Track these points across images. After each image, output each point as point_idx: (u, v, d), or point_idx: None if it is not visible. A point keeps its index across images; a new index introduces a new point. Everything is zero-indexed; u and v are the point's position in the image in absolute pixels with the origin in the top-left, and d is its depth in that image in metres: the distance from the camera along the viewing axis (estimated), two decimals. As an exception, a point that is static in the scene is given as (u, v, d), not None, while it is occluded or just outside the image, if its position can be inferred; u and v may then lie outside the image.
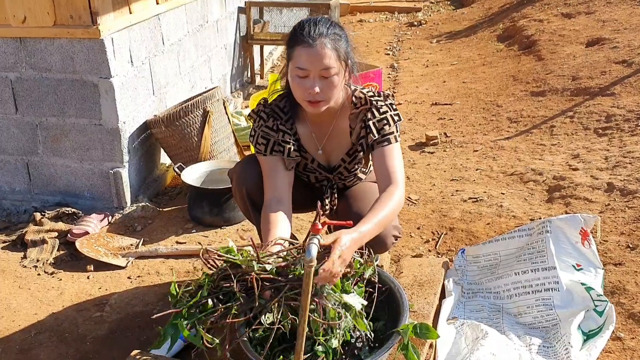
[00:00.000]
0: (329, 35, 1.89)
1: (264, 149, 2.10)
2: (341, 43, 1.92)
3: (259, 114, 2.13)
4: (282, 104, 2.12)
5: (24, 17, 3.01)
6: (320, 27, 1.90)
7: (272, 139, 2.09)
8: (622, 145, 3.61)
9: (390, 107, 2.08)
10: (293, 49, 1.91)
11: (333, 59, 1.89)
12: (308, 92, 1.91)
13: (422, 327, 1.79)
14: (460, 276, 2.47)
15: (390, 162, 2.03)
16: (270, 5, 5.58)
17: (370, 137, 2.05)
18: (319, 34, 1.88)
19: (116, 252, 2.94)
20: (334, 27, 1.93)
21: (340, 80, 1.95)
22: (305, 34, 1.88)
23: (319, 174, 2.24)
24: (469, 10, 8.55)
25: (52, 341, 2.36)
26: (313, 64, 1.88)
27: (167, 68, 3.73)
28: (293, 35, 1.93)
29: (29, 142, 3.31)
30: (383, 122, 2.05)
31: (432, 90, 5.41)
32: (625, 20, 5.74)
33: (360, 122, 2.08)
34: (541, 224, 2.38)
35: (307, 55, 1.87)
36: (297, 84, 1.93)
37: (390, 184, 1.98)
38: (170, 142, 3.47)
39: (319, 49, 1.87)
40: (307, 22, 1.92)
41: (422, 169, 3.78)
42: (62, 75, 3.12)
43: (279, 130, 2.10)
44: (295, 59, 1.91)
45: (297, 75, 1.91)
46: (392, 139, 2.05)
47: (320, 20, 1.93)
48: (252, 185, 2.17)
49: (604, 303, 2.13)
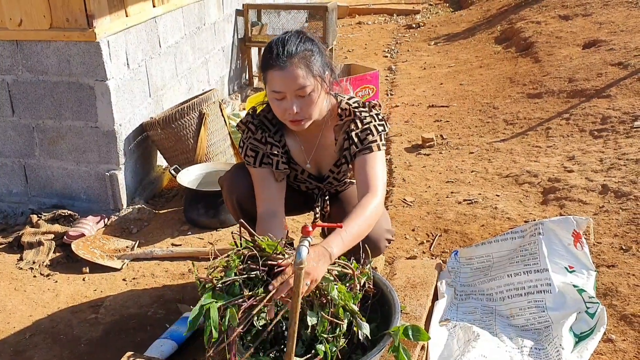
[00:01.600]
0: (298, 53, 1.85)
1: (253, 160, 2.09)
2: (313, 58, 1.88)
3: (247, 125, 2.12)
4: (271, 116, 2.10)
5: (20, 20, 3.03)
6: (288, 46, 1.85)
7: (261, 152, 2.09)
8: (617, 147, 3.62)
9: (375, 118, 2.05)
10: (266, 73, 1.89)
11: (306, 77, 1.85)
12: (287, 113, 1.89)
13: (413, 329, 1.79)
14: (453, 278, 2.48)
15: (370, 169, 1.98)
16: (268, 8, 5.60)
17: (352, 148, 2.03)
18: (288, 54, 1.84)
19: (112, 254, 2.95)
20: (303, 42, 1.88)
21: (319, 96, 1.91)
22: (275, 56, 1.85)
23: (310, 184, 2.25)
24: (467, 12, 8.56)
25: (47, 343, 2.38)
26: (287, 85, 1.85)
27: (164, 70, 3.75)
28: (264, 58, 1.90)
29: (25, 145, 3.32)
30: (366, 132, 2.02)
31: (429, 93, 5.42)
32: (621, 23, 5.75)
33: (344, 134, 2.06)
34: (534, 226, 2.39)
35: (280, 78, 1.85)
36: (276, 106, 1.92)
37: (367, 192, 1.92)
38: (166, 145, 3.48)
39: (291, 71, 1.83)
40: (276, 43, 1.88)
41: (417, 170, 3.79)
42: (59, 78, 3.14)
43: (267, 142, 2.09)
44: (269, 82, 1.89)
45: (275, 98, 1.90)
46: (375, 147, 2.01)
47: (289, 39, 1.88)
48: (242, 193, 2.18)
49: (595, 305, 2.14)
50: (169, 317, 2.44)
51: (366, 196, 1.91)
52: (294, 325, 1.59)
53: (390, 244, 2.22)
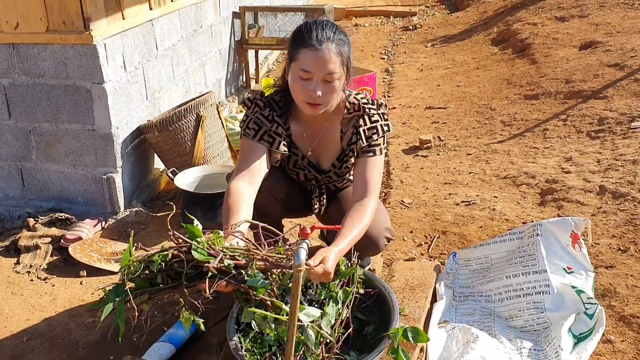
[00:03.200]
0: (335, 40, 1.89)
1: (253, 134, 2.07)
2: (345, 48, 1.92)
3: (255, 101, 2.12)
4: (278, 98, 2.12)
5: (16, 23, 3.02)
6: (327, 31, 1.89)
7: (265, 128, 2.08)
8: (614, 148, 3.62)
9: (382, 117, 2.09)
10: (298, 50, 1.90)
11: (337, 64, 1.89)
12: (309, 95, 1.90)
13: (412, 330, 1.79)
14: (451, 280, 2.47)
15: (370, 173, 2.04)
16: (265, 10, 5.60)
17: (359, 143, 2.06)
18: (326, 38, 1.88)
19: (109, 257, 2.94)
20: (339, 32, 1.93)
21: (341, 85, 1.95)
22: (313, 37, 1.87)
23: (308, 172, 2.25)
24: (463, 14, 8.58)
25: (44, 347, 2.36)
26: (318, 67, 1.88)
27: (161, 73, 3.74)
28: (299, 35, 1.92)
29: (22, 148, 3.31)
30: (373, 131, 2.06)
31: (426, 94, 5.42)
32: (618, 24, 5.77)
33: (352, 128, 2.09)
34: (532, 227, 2.39)
35: (313, 59, 1.87)
36: (298, 86, 1.92)
37: (366, 196, 1.99)
38: (163, 147, 3.48)
39: (325, 53, 1.87)
40: (314, 24, 1.91)
41: (415, 172, 3.79)
42: (55, 81, 3.13)
43: (274, 121, 2.08)
44: (299, 60, 1.89)
45: (300, 77, 1.90)
46: (378, 151, 2.07)
47: (327, 24, 1.92)
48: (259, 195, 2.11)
49: (594, 306, 2.14)
50: (167, 321, 2.43)
51: (365, 199, 1.98)
52: (293, 327, 1.58)
53: (389, 243, 2.22)
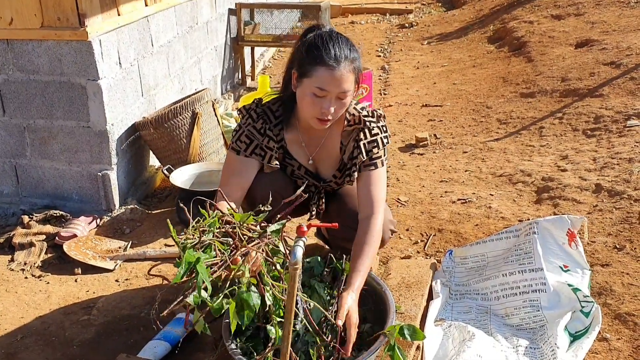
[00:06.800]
0: (350, 58, 1.88)
1: (244, 147, 2.07)
2: (357, 64, 1.92)
3: (249, 111, 2.11)
4: (275, 108, 2.10)
5: (10, 18, 3.00)
6: (343, 48, 1.88)
7: (256, 141, 2.07)
8: (610, 147, 3.63)
9: (382, 129, 2.08)
10: (314, 67, 1.87)
11: (352, 82, 1.90)
12: (322, 112, 1.90)
13: (409, 328, 1.79)
14: (448, 277, 2.47)
15: (374, 188, 2.04)
16: (261, 7, 5.59)
17: (360, 157, 2.05)
18: (343, 56, 1.87)
19: (104, 255, 2.93)
20: (353, 49, 1.92)
21: (350, 99, 1.96)
22: (331, 55, 1.86)
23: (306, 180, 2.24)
24: (459, 12, 8.58)
25: (39, 345, 2.35)
26: (335, 86, 1.87)
27: (157, 70, 3.72)
28: (314, 53, 1.88)
29: (16, 145, 3.29)
30: (373, 144, 2.06)
31: (422, 92, 5.42)
32: (614, 22, 5.77)
33: (353, 142, 2.08)
34: (528, 226, 2.39)
35: (331, 78, 1.86)
36: (311, 102, 1.90)
37: (372, 213, 1.99)
38: (159, 144, 3.46)
39: (343, 73, 1.86)
40: (329, 39, 1.89)
41: (411, 170, 3.79)
42: (50, 77, 3.11)
43: (265, 135, 2.08)
44: (316, 78, 1.87)
45: (315, 94, 1.89)
46: (379, 163, 2.06)
47: (342, 40, 1.91)
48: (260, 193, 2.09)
49: (590, 304, 2.14)
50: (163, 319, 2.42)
51: (372, 219, 1.99)
52: (289, 325, 1.57)
53: (393, 235, 2.24)
